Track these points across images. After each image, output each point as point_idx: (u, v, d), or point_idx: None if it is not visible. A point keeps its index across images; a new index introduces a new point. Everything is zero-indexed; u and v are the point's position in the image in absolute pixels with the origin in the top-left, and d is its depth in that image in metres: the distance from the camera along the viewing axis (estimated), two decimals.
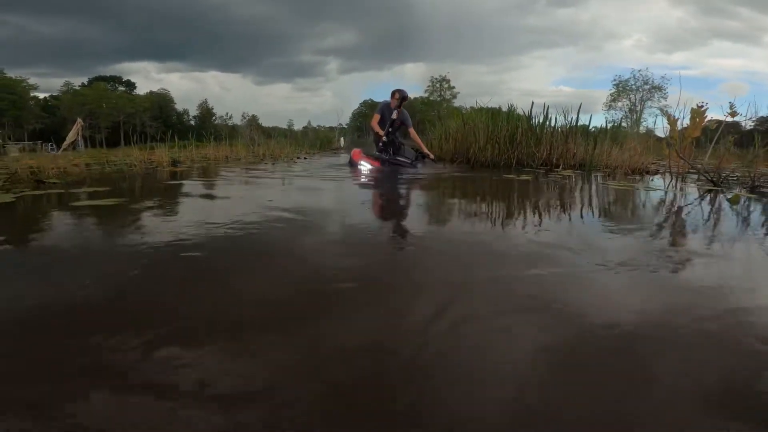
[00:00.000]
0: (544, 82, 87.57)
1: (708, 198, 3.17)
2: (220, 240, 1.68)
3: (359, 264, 1.42)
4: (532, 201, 2.93)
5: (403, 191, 3.52)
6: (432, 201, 3.08)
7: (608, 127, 6.17)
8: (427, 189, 3.71)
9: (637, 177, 4.58)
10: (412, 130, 5.59)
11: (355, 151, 5.54)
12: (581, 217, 2.32)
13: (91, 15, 71.87)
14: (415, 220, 2.34)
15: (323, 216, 2.35)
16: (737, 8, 72.00)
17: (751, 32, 67.66)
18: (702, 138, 4.15)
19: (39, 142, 27.97)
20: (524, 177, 4.30)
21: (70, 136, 20.53)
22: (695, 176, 4.32)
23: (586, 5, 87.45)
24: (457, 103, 44.32)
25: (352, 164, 5.32)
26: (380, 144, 5.28)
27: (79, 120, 21.61)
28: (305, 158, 8.37)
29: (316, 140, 14.19)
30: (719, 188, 3.61)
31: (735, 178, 4.09)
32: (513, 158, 5.79)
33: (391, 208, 2.81)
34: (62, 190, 3.16)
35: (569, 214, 2.38)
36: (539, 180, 4.14)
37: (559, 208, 2.61)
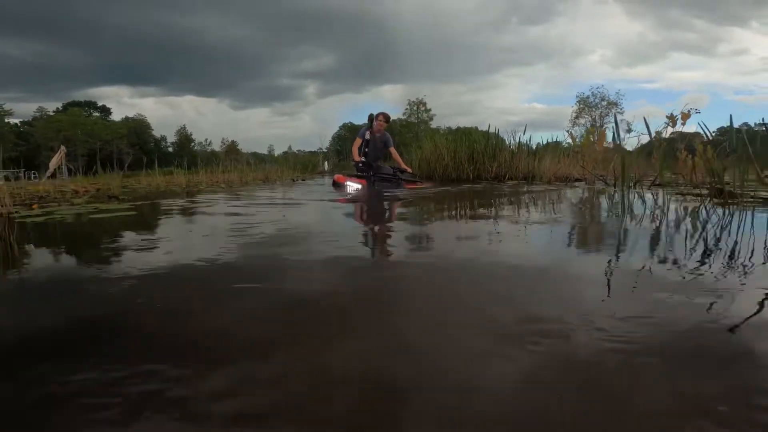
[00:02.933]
0: (518, 99, 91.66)
1: (587, 193, 4.48)
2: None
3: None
4: (469, 199, 4.19)
5: (388, 206, 4.70)
6: (417, 207, 4.28)
7: (546, 144, 7.60)
8: (409, 203, 4.91)
9: (560, 183, 5.93)
10: (392, 150, 5.92)
11: (338, 175, 5.79)
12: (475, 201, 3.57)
13: (61, 38, 71.47)
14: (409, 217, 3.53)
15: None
16: (692, 20, 77.20)
17: (706, 44, 73.53)
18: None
19: (22, 170, 27.93)
20: (477, 186, 5.61)
21: (53, 164, 20.75)
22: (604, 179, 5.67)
23: (555, 23, 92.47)
24: (435, 123, 46.77)
25: (337, 185, 5.52)
26: (360, 165, 5.64)
27: (63, 147, 21.95)
28: (302, 180, 9.52)
29: (300, 164, 15.20)
30: (611, 187, 4.95)
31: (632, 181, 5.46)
32: (472, 173, 7.16)
33: (404, 213, 4.00)
34: (145, 202, 4.21)
35: (481, 202, 3.63)
36: (484, 188, 5.45)
37: (479, 201, 3.86)
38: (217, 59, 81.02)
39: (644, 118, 4.98)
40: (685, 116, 4.28)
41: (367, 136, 5.67)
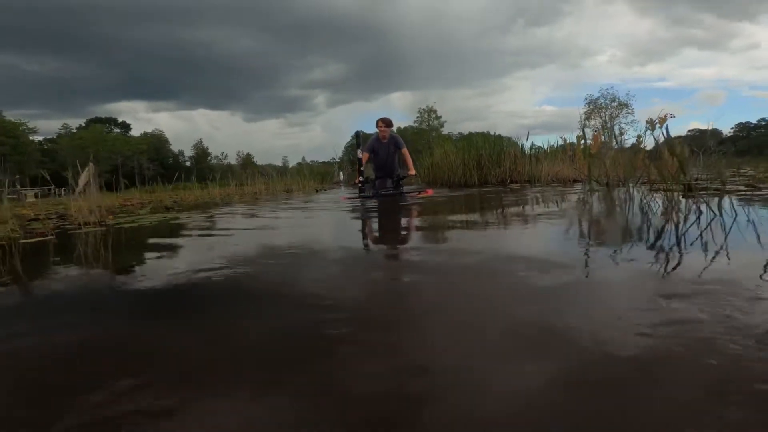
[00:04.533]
0: (529, 102, 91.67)
1: (582, 193, 5.07)
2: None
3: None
4: (479, 200, 4.83)
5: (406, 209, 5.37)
6: (430, 206, 4.95)
7: (546, 148, 8.19)
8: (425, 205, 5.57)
9: (559, 185, 6.50)
10: (404, 151, 5.75)
11: (342, 196, 6.05)
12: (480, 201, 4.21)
13: (79, 54, 73.91)
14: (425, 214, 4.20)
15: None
16: (700, 15, 76.65)
17: (717, 38, 72.81)
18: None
19: (52, 187, 29.27)
20: (484, 190, 6.25)
21: (82, 181, 22.04)
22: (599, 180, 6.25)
23: (561, 24, 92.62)
24: (446, 129, 47.58)
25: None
26: (361, 186, 5.54)
27: (91, 164, 23.24)
28: (325, 190, 10.29)
29: (317, 175, 15.95)
30: (606, 188, 5.52)
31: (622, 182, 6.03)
32: (479, 178, 7.81)
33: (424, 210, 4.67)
34: (201, 210, 4.96)
35: (485, 204, 4.27)
36: (489, 191, 6.08)
37: (484, 202, 4.50)
38: (226, 72, 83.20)
39: (649, 121, 5.55)
40: (662, 120, 4.85)
41: (361, 155, 5.55)
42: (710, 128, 5.20)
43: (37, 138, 51.38)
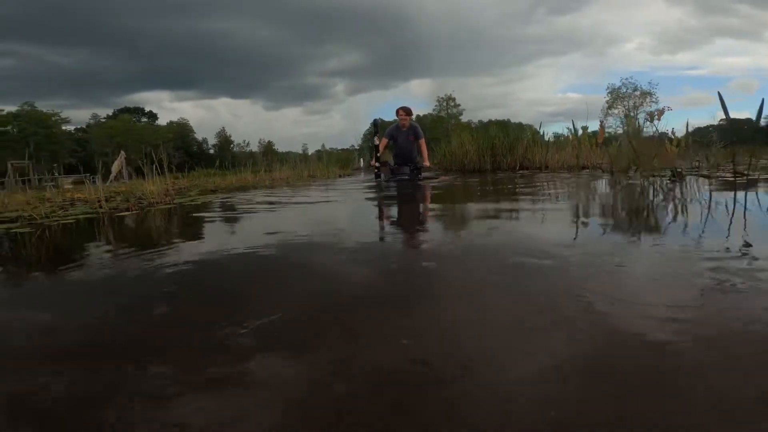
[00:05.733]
0: (551, 90, 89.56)
1: (587, 178, 5.56)
2: None
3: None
4: (490, 183, 5.39)
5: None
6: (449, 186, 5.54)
7: (557, 137, 8.64)
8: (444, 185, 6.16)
9: (565, 171, 6.95)
10: (422, 142, 6.00)
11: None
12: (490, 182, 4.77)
13: (105, 46, 75.29)
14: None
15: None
16: (735, 5, 73.80)
17: (752, 28, 69.83)
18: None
19: (87, 175, 30.79)
20: (497, 176, 6.79)
21: (115, 168, 23.07)
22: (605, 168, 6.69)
23: (586, 11, 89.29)
24: (465, 116, 47.60)
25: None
26: (376, 171, 5.93)
27: (123, 153, 24.28)
28: (348, 176, 10.98)
29: (338, 162, 16.63)
30: (611, 174, 5.99)
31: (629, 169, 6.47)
32: (492, 164, 8.33)
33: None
34: (245, 192, 5.68)
35: (494, 185, 4.83)
36: (499, 176, 6.63)
37: (494, 185, 5.06)
38: (246, 61, 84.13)
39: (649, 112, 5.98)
40: (660, 113, 5.28)
41: (376, 142, 5.88)
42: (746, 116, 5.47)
43: (69, 128, 53.21)
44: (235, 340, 0.86)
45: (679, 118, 9.79)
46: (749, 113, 5.65)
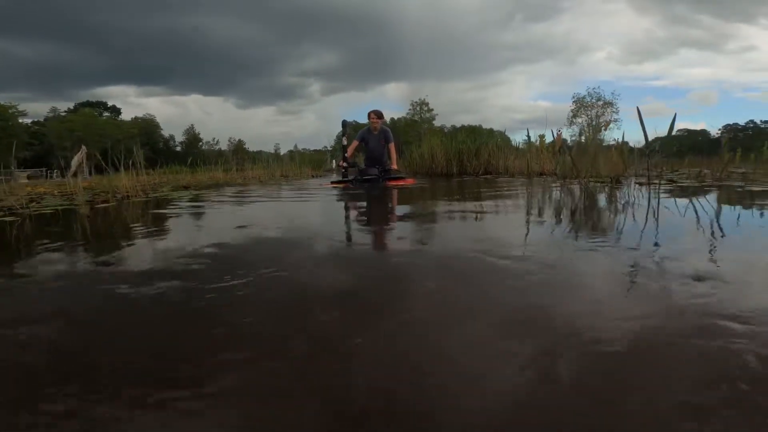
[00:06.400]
0: (524, 97, 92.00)
1: (543, 184, 6.07)
2: None
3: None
4: (454, 185, 5.80)
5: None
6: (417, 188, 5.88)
7: (519, 143, 9.22)
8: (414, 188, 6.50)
9: (522, 177, 7.47)
10: (390, 146, 6.14)
11: (325, 183, 6.51)
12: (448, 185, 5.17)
13: (69, 38, 72.86)
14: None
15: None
16: (699, 16, 77.85)
17: (714, 40, 73.96)
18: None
19: (44, 169, 29.58)
20: (462, 179, 7.23)
21: (75, 163, 22.27)
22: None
23: (559, 19, 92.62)
24: (438, 121, 48.58)
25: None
26: (343, 171, 5.97)
27: (84, 147, 23.48)
28: (319, 176, 11.19)
29: (310, 163, 16.83)
30: (564, 180, 6.54)
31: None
32: (459, 169, 8.81)
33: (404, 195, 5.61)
34: (217, 188, 5.83)
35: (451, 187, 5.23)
36: (464, 180, 7.07)
37: (452, 189, 5.47)
38: (220, 58, 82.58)
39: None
40: (607, 124, 6.01)
41: (344, 142, 6.00)
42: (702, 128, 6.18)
43: (26, 121, 50.84)
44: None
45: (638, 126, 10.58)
46: (705, 125, 6.26)
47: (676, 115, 3.76)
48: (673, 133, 4.68)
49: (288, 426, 0.57)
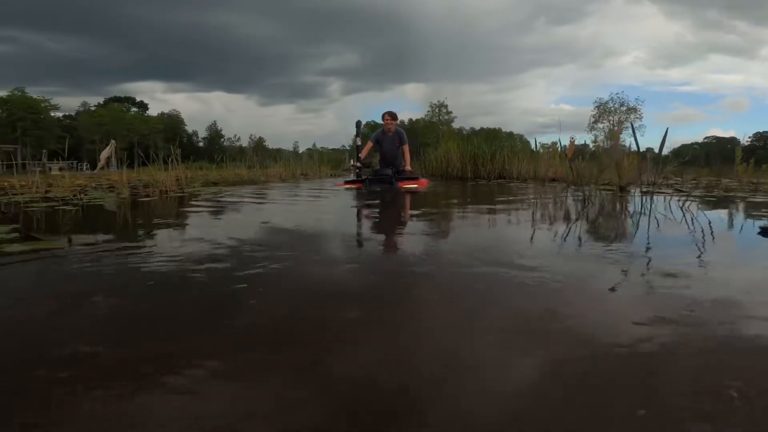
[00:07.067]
0: (545, 100, 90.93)
1: (550, 190, 6.26)
2: None
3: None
4: (469, 189, 6.05)
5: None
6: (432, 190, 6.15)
7: (534, 149, 9.36)
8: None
9: (533, 182, 7.64)
10: (405, 147, 6.14)
11: (338, 183, 6.36)
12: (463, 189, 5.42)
13: (98, 34, 75.00)
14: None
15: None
16: (733, 22, 75.31)
17: (748, 46, 71.21)
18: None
19: (75, 161, 30.72)
20: (478, 183, 7.47)
21: (104, 156, 23.04)
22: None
23: (585, 23, 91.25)
24: (457, 123, 48.70)
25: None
26: (357, 171, 6.01)
27: (113, 141, 24.28)
28: (338, 175, 11.60)
29: (329, 162, 17.20)
30: (574, 187, 6.71)
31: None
32: (473, 173, 9.05)
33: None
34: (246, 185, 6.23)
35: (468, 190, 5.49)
36: (479, 183, 7.31)
37: (465, 192, 5.72)
38: (244, 56, 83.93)
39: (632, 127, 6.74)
40: (617, 133, 6.13)
41: (359, 144, 6.05)
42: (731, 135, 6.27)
43: (57, 114, 52.59)
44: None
45: (670, 132, 10.53)
46: (735, 132, 6.22)
47: (668, 129, 3.87)
48: (701, 140, 4.94)
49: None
